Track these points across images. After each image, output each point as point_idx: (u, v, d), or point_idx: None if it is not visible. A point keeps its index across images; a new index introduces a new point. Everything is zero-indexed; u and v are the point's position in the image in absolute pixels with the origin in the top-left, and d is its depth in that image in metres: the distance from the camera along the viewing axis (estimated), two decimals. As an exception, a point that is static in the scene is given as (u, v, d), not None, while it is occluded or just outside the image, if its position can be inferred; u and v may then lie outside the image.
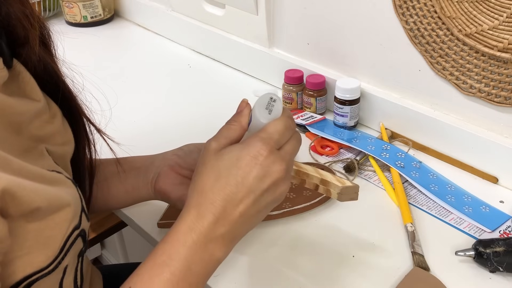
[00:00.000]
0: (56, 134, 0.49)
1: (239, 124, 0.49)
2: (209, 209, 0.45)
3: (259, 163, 0.45)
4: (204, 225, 0.45)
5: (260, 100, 0.48)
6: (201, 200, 0.46)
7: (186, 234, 0.45)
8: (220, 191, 0.45)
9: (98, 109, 0.62)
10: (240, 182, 0.45)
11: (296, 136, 0.49)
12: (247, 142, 0.46)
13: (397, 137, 0.86)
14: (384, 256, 0.64)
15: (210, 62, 1.17)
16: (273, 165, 0.45)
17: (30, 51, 0.45)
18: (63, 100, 0.51)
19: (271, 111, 0.48)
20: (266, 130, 0.47)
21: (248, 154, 0.45)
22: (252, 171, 0.45)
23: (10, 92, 0.43)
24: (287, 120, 0.48)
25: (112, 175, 0.64)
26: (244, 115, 0.50)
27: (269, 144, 0.46)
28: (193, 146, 0.64)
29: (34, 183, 0.39)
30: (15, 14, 0.42)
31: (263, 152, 0.45)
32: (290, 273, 0.62)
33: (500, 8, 0.65)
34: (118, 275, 0.82)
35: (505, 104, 0.71)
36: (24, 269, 0.39)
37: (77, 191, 0.46)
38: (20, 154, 0.42)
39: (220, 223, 0.45)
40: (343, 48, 0.89)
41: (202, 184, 0.46)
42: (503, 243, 0.59)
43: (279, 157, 0.46)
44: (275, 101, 0.48)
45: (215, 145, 0.48)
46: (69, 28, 1.37)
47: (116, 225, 0.99)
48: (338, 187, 0.53)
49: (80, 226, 0.45)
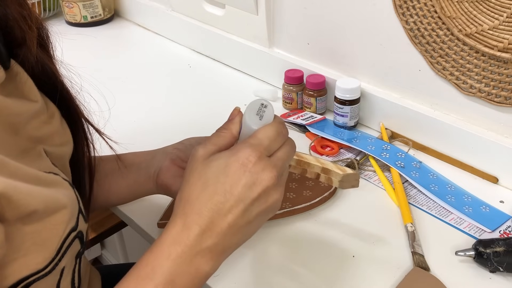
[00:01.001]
0: (54, 135, 0.49)
1: (229, 132, 0.48)
2: (195, 220, 0.43)
3: (247, 170, 0.43)
4: (189, 237, 0.42)
5: (250, 106, 0.47)
6: (187, 210, 0.43)
7: (171, 246, 0.43)
8: (207, 200, 0.43)
9: (98, 109, 0.62)
10: (228, 191, 0.43)
11: (289, 142, 0.47)
12: (236, 149, 0.44)
13: (397, 137, 0.86)
14: (384, 256, 0.64)
15: (210, 62, 1.17)
16: (263, 172, 0.43)
17: (27, 52, 0.44)
18: (61, 101, 0.51)
19: (262, 117, 0.46)
20: (256, 136, 0.45)
21: (236, 161, 0.43)
22: (240, 179, 0.43)
23: (7, 93, 0.43)
24: (279, 125, 0.46)
25: (112, 171, 0.64)
26: (235, 123, 0.48)
27: (259, 150, 0.44)
28: (194, 140, 0.64)
29: (30, 185, 0.39)
30: (12, 16, 0.42)
31: (252, 159, 0.43)
32: (290, 273, 0.62)
33: (500, 8, 0.65)
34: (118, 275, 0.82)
35: (505, 104, 0.71)
36: (21, 271, 0.39)
37: (74, 192, 0.46)
38: (17, 155, 0.42)
39: (207, 234, 0.43)
40: (343, 48, 0.89)
41: (188, 193, 0.44)
42: (503, 243, 0.59)
43: (270, 164, 0.44)
44: (266, 106, 0.47)
45: (202, 152, 0.46)
46: (69, 28, 1.37)
47: (116, 225, 0.99)
48: (339, 175, 0.53)
49: (77, 228, 0.44)
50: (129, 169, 0.64)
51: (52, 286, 0.43)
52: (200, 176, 0.44)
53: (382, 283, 0.60)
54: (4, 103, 0.42)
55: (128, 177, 0.64)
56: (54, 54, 0.51)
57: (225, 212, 0.43)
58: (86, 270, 0.59)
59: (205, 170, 0.44)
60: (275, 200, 0.44)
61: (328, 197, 0.72)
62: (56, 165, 0.47)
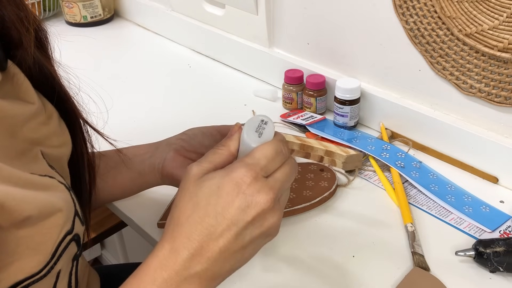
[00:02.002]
0: (52, 136, 0.49)
1: (227, 149, 0.45)
2: (184, 243, 0.40)
3: (241, 192, 0.40)
4: (177, 262, 0.40)
5: (249, 122, 0.44)
6: (175, 234, 0.41)
7: (157, 271, 0.40)
8: (197, 223, 0.40)
9: (98, 109, 0.62)
10: (220, 213, 0.40)
11: (289, 162, 0.44)
12: (231, 168, 0.41)
13: (397, 137, 0.86)
14: (384, 256, 0.64)
15: (210, 62, 1.17)
16: (258, 195, 0.40)
17: (24, 53, 0.44)
18: (59, 102, 0.50)
19: (261, 134, 0.44)
20: (253, 155, 0.42)
21: (230, 181, 0.40)
22: (234, 201, 0.40)
23: (3, 95, 0.42)
24: (278, 144, 0.43)
25: (116, 165, 0.64)
26: (233, 139, 0.45)
27: (254, 171, 0.41)
28: (197, 130, 0.64)
29: (24, 190, 0.38)
30: (9, 17, 0.42)
31: (246, 179, 0.40)
32: (290, 273, 0.62)
33: (500, 8, 0.65)
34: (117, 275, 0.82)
35: (505, 104, 0.71)
36: (15, 275, 0.38)
37: (70, 195, 0.45)
38: (14, 157, 0.41)
39: (196, 260, 0.40)
40: (343, 48, 0.89)
41: (178, 214, 0.42)
42: (503, 243, 0.59)
43: (266, 185, 0.41)
44: (266, 123, 0.44)
45: (196, 170, 0.43)
46: (69, 28, 1.37)
47: (116, 225, 0.99)
48: (343, 156, 0.54)
49: (73, 231, 0.43)
50: (133, 161, 0.64)
51: None
52: (191, 196, 0.42)
53: (382, 283, 0.60)
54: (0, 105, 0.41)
55: (132, 169, 0.64)
56: (53, 55, 0.51)
57: (217, 236, 0.40)
58: (84, 272, 0.59)
59: (196, 190, 0.42)
60: (271, 224, 0.42)
61: (328, 197, 0.72)
62: (54, 166, 0.47)
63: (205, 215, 0.40)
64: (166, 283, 0.40)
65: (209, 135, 0.62)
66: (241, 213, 0.40)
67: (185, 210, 0.42)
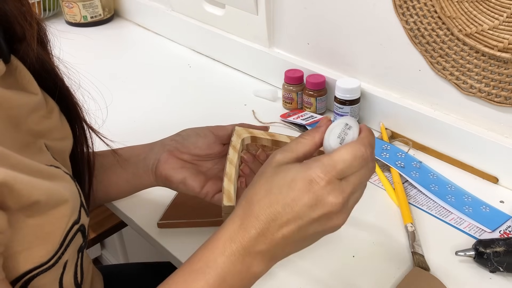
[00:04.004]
0: (54, 129, 0.50)
1: (312, 139, 0.46)
2: (252, 222, 0.43)
3: (312, 191, 0.41)
4: (244, 237, 0.43)
5: (335, 123, 0.45)
6: (247, 211, 0.43)
7: (226, 243, 0.43)
8: (266, 207, 0.42)
9: (97, 108, 0.62)
10: (289, 204, 0.42)
11: (368, 166, 0.44)
12: (307, 165, 0.43)
13: (397, 137, 0.86)
14: (384, 256, 0.64)
15: (210, 62, 1.17)
16: (328, 196, 0.41)
17: (27, 47, 0.45)
18: (61, 97, 0.51)
19: (343, 140, 0.44)
20: (331, 157, 0.42)
21: (303, 178, 0.42)
22: (303, 197, 0.42)
23: (8, 86, 0.43)
24: (359, 148, 0.43)
25: (111, 165, 0.64)
26: (320, 131, 0.46)
27: (329, 173, 0.41)
28: (190, 131, 0.64)
29: (32, 177, 0.39)
30: (11, 12, 0.42)
31: (319, 181, 0.41)
32: (290, 273, 0.62)
33: (500, 8, 0.65)
34: (117, 275, 0.82)
35: (505, 104, 0.71)
36: (25, 264, 0.40)
37: (75, 186, 0.46)
38: (19, 149, 0.42)
39: (260, 239, 0.43)
40: (343, 48, 0.89)
41: (252, 193, 0.44)
42: (503, 243, 0.59)
43: (338, 188, 0.42)
44: (350, 128, 0.44)
45: (279, 157, 0.45)
46: (69, 28, 1.36)
47: (116, 225, 0.98)
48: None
49: (79, 221, 0.45)
50: (127, 162, 0.64)
51: (55, 279, 0.44)
52: (267, 181, 0.44)
53: (382, 283, 0.60)
54: (4, 96, 0.42)
55: (126, 170, 0.64)
56: (53, 52, 0.51)
57: (281, 223, 0.42)
58: (88, 267, 0.60)
59: (272, 176, 0.44)
60: (335, 224, 0.43)
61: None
62: (57, 159, 0.48)
63: (274, 202, 0.42)
64: (234, 255, 0.43)
65: (203, 136, 0.62)
66: (308, 210, 0.42)
67: (259, 192, 0.44)
